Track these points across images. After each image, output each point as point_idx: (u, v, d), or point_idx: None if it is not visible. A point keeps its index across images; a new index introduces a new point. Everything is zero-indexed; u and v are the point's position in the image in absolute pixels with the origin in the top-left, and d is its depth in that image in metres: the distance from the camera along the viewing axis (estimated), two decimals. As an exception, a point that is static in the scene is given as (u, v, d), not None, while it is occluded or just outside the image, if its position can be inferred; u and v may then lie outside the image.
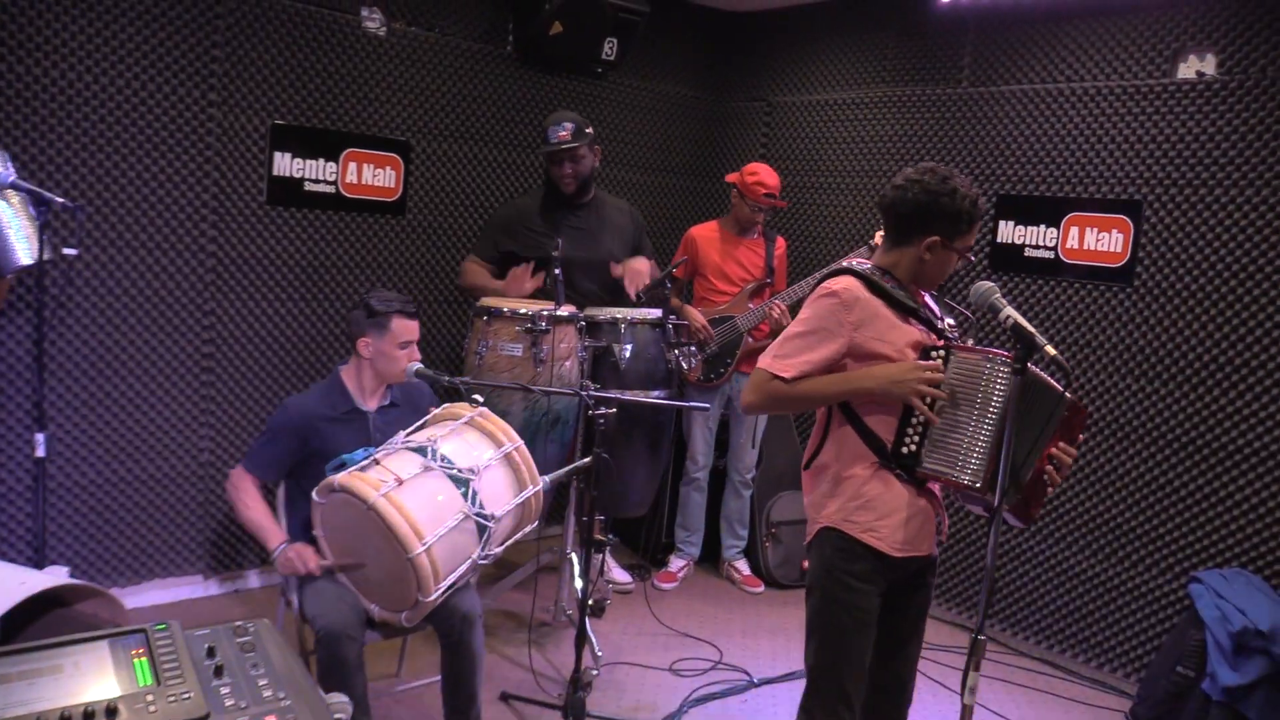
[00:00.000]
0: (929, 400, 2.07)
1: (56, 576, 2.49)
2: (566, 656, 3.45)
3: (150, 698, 1.35)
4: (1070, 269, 3.92)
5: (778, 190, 4.28)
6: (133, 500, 3.71)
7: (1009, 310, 1.93)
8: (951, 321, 2.27)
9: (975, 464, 2.03)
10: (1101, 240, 3.83)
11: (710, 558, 4.72)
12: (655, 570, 4.57)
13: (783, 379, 2.13)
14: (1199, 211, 3.58)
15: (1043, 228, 4.00)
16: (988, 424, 2.01)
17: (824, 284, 2.19)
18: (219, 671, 1.45)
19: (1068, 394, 1.98)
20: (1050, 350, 1.85)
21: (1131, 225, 3.74)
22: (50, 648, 1.40)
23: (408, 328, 2.89)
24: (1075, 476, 3.91)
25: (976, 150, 4.24)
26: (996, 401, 1.99)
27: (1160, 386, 3.69)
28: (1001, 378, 1.99)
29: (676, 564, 4.58)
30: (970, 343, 2.26)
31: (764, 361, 2.18)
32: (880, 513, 2.14)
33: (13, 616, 2.09)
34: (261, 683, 1.44)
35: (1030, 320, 4.02)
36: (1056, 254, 3.96)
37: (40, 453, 2.97)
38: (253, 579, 4.09)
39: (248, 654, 1.51)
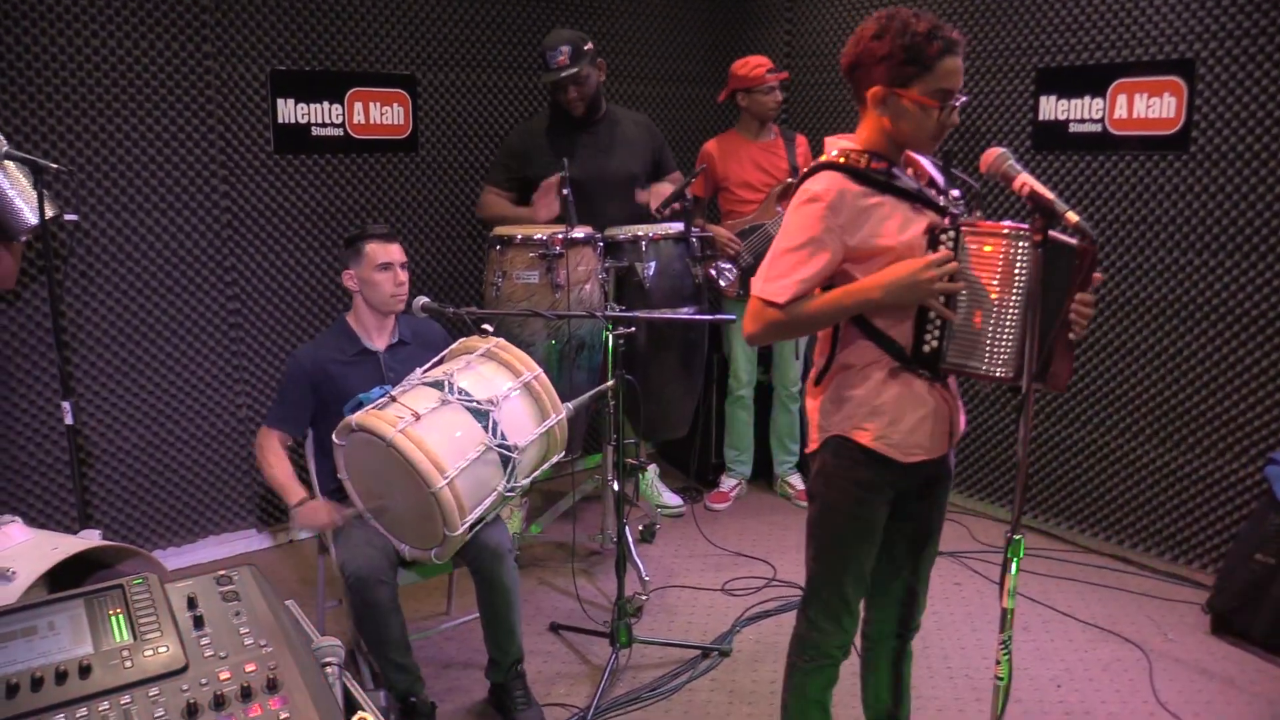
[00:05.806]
0: (946, 297, 1.88)
1: (88, 540, 2.50)
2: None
3: (126, 653, 1.32)
4: (1120, 141, 3.64)
5: (773, 65, 4.15)
6: (176, 461, 3.74)
7: (1025, 176, 1.74)
8: (956, 193, 2.02)
9: (1005, 353, 1.85)
10: (1152, 106, 3.54)
11: (765, 475, 4.62)
12: (707, 492, 4.50)
13: (777, 305, 1.88)
14: (1259, 64, 3.27)
15: (1088, 99, 3.71)
16: (1013, 307, 1.82)
17: (803, 186, 1.94)
18: (199, 622, 1.41)
19: (1074, 241, 1.78)
20: (1073, 217, 1.67)
21: (1185, 87, 3.45)
22: (24, 610, 1.38)
23: (383, 250, 2.84)
24: (1138, 361, 3.69)
25: (1011, 21, 3.95)
26: (1021, 281, 1.80)
27: (1225, 259, 3.43)
28: (1024, 254, 1.79)
29: (728, 484, 4.50)
30: (979, 217, 2.01)
31: (756, 286, 1.92)
32: (894, 417, 1.96)
33: (60, 583, 2.11)
34: (243, 630, 1.40)
35: (1078, 201, 3.77)
36: (1104, 126, 3.68)
37: (68, 420, 2.99)
38: (304, 529, 4.12)
39: (230, 602, 1.46)
